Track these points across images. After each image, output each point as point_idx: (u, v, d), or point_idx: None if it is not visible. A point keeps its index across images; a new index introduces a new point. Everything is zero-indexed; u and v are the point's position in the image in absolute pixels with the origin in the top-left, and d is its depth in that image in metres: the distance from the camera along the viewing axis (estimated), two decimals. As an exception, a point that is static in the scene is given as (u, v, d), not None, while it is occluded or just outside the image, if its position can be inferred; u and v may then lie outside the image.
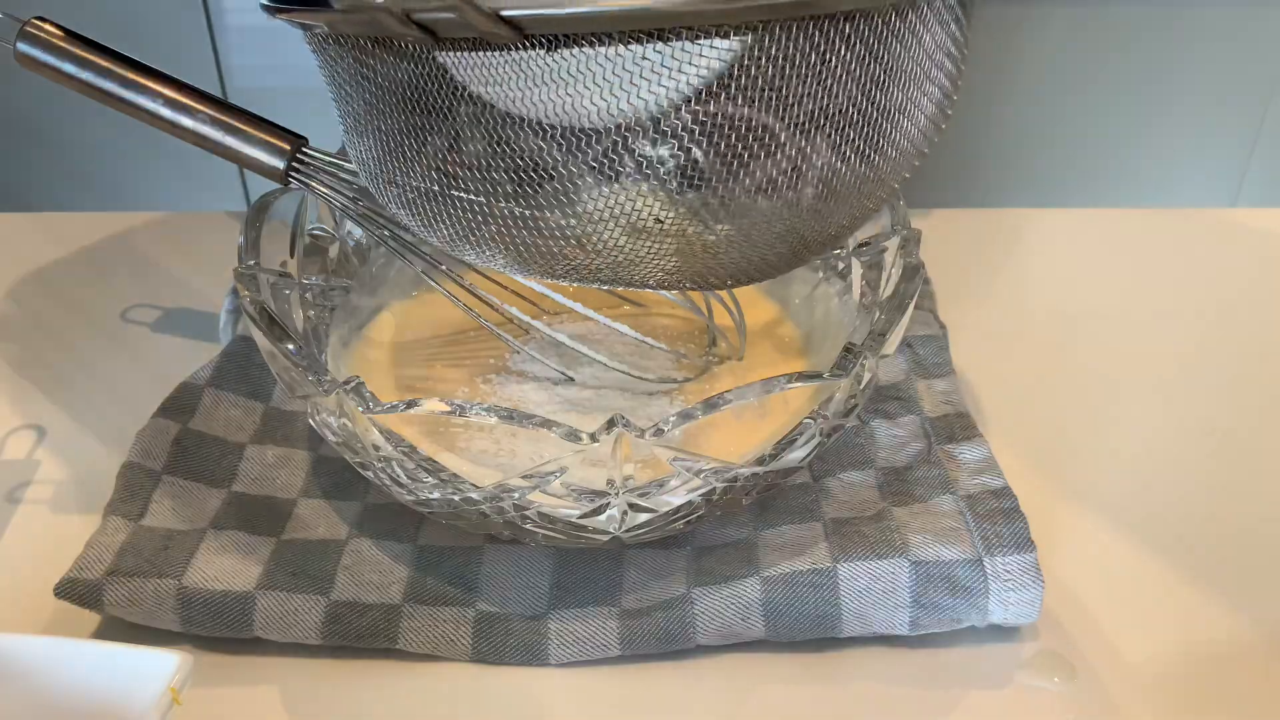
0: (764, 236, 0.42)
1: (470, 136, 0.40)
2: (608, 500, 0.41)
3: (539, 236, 0.41)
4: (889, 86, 0.39)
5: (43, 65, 0.50)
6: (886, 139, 0.40)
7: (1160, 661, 0.44)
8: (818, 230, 0.43)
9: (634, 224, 0.40)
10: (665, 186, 0.39)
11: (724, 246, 0.41)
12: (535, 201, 0.40)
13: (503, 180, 0.40)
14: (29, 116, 0.98)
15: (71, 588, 0.44)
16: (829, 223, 0.43)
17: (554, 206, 0.40)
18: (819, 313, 0.55)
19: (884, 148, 0.40)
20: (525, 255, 0.42)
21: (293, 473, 0.51)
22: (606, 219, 0.40)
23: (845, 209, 0.43)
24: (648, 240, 0.40)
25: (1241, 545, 0.49)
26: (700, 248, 0.41)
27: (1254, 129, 1.34)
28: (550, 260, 0.42)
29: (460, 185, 0.41)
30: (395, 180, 0.43)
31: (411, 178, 0.42)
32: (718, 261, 0.42)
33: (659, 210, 0.39)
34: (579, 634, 0.44)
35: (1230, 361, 0.61)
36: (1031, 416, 0.56)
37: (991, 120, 1.34)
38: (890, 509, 0.47)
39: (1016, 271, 0.69)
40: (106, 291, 0.66)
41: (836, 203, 0.41)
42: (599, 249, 0.41)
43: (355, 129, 0.44)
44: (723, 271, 0.43)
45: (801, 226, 0.42)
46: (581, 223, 0.40)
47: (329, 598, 0.44)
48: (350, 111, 0.44)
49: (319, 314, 0.53)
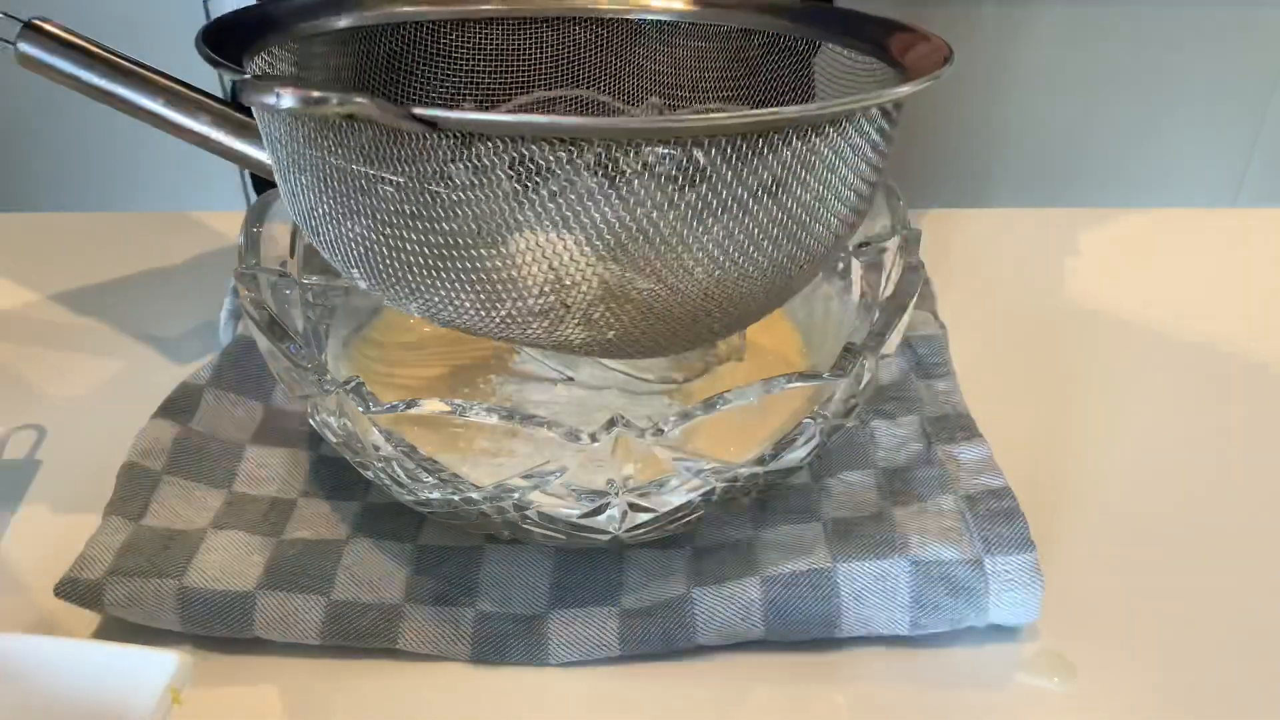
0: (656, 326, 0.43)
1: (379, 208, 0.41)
2: (608, 500, 0.41)
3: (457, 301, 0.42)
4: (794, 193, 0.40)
5: (43, 65, 0.50)
6: (792, 239, 0.42)
7: (1160, 661, 0.44)
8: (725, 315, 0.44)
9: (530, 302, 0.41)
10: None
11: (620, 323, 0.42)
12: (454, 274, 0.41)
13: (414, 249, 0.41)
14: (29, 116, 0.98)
15: (71, 588, 0.44)
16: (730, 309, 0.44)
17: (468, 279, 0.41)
18: (819, 313, 0.55)
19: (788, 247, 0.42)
20: (441, 314, 0.43)
21: (293, 473, 0.51)
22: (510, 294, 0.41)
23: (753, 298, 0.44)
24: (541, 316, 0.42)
25: (1242, 545, 0.49)
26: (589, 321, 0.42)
27: (1254, 129, 1.34)
28: (461, 320, 0.43)
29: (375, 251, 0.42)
30: (321, 236, 0.44)
31: (338, 237, 0.43)
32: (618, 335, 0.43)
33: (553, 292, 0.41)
34: (579, 634, 0.44)
35: (1230, 361, 0.61)
36: (1032, 416, 0.56)
37: (991, 120, 1.34)
38: (890, 509, 0.47)
39: (1016, 271, 0.69)
40: (107, 291, 0.66)
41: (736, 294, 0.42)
42: (501, 319, 0.42)
43: (281, 178, 0.45)
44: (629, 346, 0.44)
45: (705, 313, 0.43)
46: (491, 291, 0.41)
47: (329, 598, 0.44)
48: (276, 160, 0.44)
49: (319, 314, 0.53)
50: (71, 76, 0.50)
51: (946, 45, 0.45)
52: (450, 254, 0.40)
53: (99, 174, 1.24)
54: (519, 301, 0.41)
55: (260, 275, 0.48)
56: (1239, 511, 0.51)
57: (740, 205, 0.39)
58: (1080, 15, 1.25)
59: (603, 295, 0.40)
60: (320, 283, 0.53)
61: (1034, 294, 0.67)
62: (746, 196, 0.39)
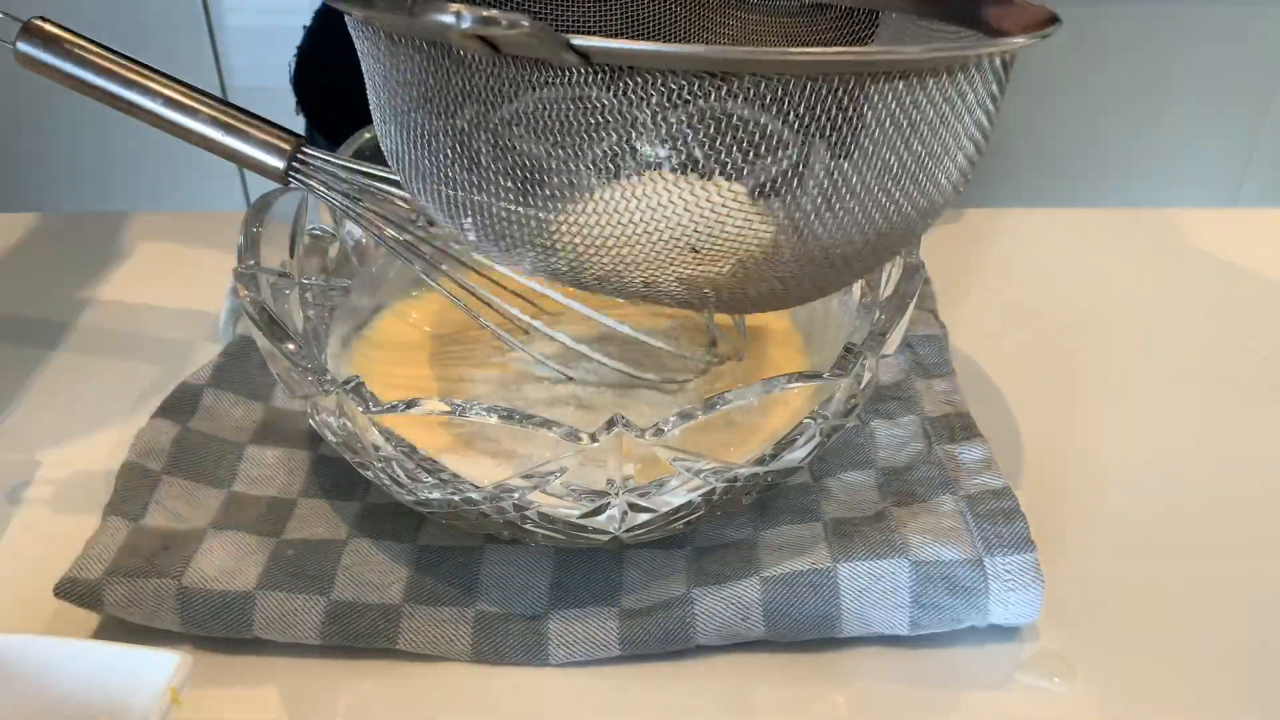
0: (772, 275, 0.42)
1: (501, 143, 0.40)
2: (608, 500, 0.41)
3: (563, 241, 0.41)
4: (927, 142, 0.40)
5: (43, 65, 0.50)
6: (920, 190, 0.41)
7: (1160, 661, 0.44)
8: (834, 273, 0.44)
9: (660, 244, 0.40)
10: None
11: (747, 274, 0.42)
12: (556, 208, 0.40)
13: (521, 189, 0.40)
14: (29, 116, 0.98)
15: (71, 588, 0.44)
16: (846, 267, 0.43)
17: (570, 214, 0.40)
18: (819, 312, 0.55)
19: (915, 199, 0.41)
20: (546, 261, 0.43)
21: (293, 473, 0.51)
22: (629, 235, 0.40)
23: (867, 255, 0.43)
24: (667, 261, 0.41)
25: (1242, 545, 0.49)
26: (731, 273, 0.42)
27: (1254, 129, 1.34)
28: (571, 268, 0.42)
29: (481, 190, 0.41)
30: (422, 174, 0.43)
31: (436, 177, 0.42)
32: (740, 287, 0.43)
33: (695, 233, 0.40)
34: (579, 634, 0.44)
35: (1230, 361, 0.61)
36: (1032, 416, 0.56)
37: (992, 120, 1.34)
38: (890, 509, 0.47)
39: (1016, 271, 0.69)
40: (107, 292, 0.66)
41: (861, 248, 0.42)
42: (609, 258, 0.41)
43: (385, 119, 0.44)
44: (743, 300, 0.44)
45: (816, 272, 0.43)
46: (600, 233, 0.40)
47: (329, 598, 0.44)
48: (381, 103, 0.44)
49: (319, 314, 0.53)
50: (71, 76, 0.50)
51: (1050, 10, 0.45)
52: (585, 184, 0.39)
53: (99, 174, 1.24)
54: (646, 246, 0.40)
55: (260, 275, 0.48)
56: (1239, 511, 0.51)
57: (862, 155, 0.39)
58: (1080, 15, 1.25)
59: (727, 245, 0.40)
60: (320, 283, 0.53)
61: (1034, 294, 0.67)
62: (869, 146, 0.39)
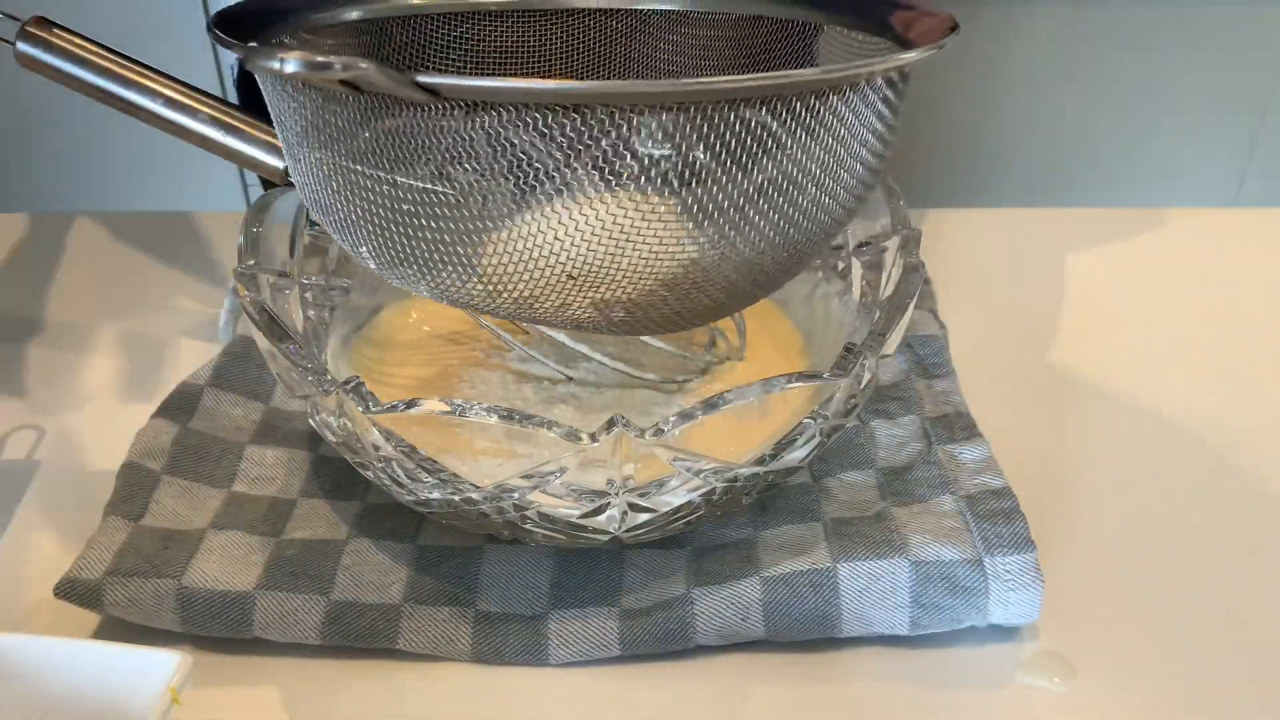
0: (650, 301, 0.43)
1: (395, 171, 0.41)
2: (608, 500, 0.41)
3: (457, 270, 0.42)
4: (802, 163, 0.40)
5: (43, 65, 0.50)
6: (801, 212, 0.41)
7: (1160, 661, 0.44)
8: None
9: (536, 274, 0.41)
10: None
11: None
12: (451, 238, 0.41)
13: (403, 220, 0.41)
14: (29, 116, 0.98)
15: (71, 588, 0.44)
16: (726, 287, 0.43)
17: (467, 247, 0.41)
18: (819, 313, 0.55)
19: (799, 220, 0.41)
20: (442, 287, 0.43)
21: (293, 473, 0.51)
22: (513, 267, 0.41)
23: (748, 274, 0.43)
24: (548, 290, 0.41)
25: (1241, 545, 0.49)
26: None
27: (1254, 129, 1.34)
28: (465, 295, 0.43)
29: (365, 220, 0.42)
30: (319, 206, 0.44)
31: (329, 208, 0.43)
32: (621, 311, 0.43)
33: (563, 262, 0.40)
34: (579, 634, 0.44)
35: (1230, 361, 0.61)
36: (1031, 416, 0.56)
37: (990, 120, 1.34)
38: (890, 509, 0.47)
39: (1016, 271, 0.69)
40: (107, 291, 0.66)
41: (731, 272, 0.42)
42: (504, 290, 0.42)
43: (288, 151, 0.45)
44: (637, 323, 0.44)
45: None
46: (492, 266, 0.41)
47: (329, 598, 0.44)
48: (285, 137, 0.44)
49: (319, 314, 0.53)
50: (71, 76, 0.50)
51: (951, 17, 0.45)
52: (459, 233, 0.40)
53: (99, 174, 1.24)
54: (529, 281, 0.41)
55: (260, 275, 0.48)
56: (1239, 511, 0.51)
57: (746, 176, 0.39)
58: (1080, 15, 1.25)
59: (611, 273, 0.40)
60: (320, 283, 0.53)
61: (1034, 294, 0.67)
62: (752, 167, 0.39)
